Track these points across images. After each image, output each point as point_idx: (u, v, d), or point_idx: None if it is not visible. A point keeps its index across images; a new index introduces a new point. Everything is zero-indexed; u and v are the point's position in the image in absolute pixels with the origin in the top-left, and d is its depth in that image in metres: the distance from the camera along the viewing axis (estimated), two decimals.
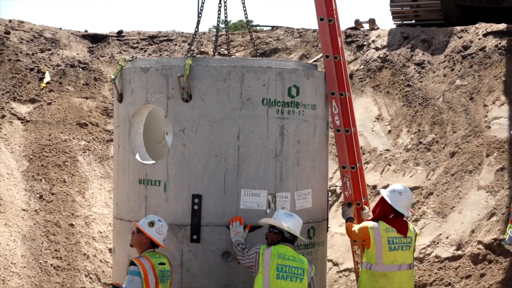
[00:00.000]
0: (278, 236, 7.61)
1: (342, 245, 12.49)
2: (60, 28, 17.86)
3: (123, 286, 7.45)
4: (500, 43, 14.68)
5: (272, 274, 7.35)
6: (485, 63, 14.44)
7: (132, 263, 7.46)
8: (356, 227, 8.60)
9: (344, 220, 9.20)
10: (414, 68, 15.18)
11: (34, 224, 13.05)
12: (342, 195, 13.22)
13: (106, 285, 8.17)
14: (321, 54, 9.36)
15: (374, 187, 13.16)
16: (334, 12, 9.22)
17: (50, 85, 15.66)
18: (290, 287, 7.37)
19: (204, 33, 18.66)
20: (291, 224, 7.68)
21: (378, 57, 15.83)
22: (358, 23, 18.04)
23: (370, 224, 8.40)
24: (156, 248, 7.74)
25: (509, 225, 7.74)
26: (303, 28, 17.78)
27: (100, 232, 13.46)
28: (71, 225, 13.30)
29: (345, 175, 9.23)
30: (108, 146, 14.62)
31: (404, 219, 8.51)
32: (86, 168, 14.39)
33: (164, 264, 7.57)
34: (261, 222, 7.85)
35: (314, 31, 17.10)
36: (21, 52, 16.07)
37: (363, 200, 9.21)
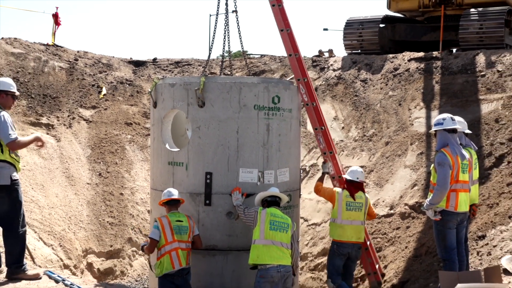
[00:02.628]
0: (265, 203, 7.70)
1: (310, 207, 12.51)
2: (113, 56, 17.78)
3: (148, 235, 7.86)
4: (419, 66, 14.68)
5: (266, 227, 7.44)
6: (409, 80, 14.44)
7: (155, 221, 7.81)
8: (326, 189, 9.06)
9: (314, 183, 9.45)
10: (360, 83, 15.17)
11: (95, 193, 13.04)
12: (309, 172, 13.22)
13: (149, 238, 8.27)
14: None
15: None
16: (298, 48, 9.50)
17: (106, 96, 15.62)
18: (279, 236, 7.46)
19: (213, 60, 18.61)
20: (269, 191, 7.84)
21: (335, 76, 15.81)
22: (320, 52, 18.07)
23: (337, 190, 8.97)
24: (177, 208, 7.86)
25: (429, 193, 7.77)
26: (283, 56, 17.71)
27: (141, 199, 13.46)
28: (121, 194, 13.29)
29: (318, 134, 9.42)
30: (146, 138, 14.59)
31: (362, 193, 8.95)
32: (131, 154, 14.36)
33: (181, 221, 7.69)
34: (257, 200, 7.90)
35: None
36: (85, 73, 16.01)
37: (330, 153, 9.44)
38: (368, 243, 9.44)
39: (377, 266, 9.56)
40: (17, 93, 7.89)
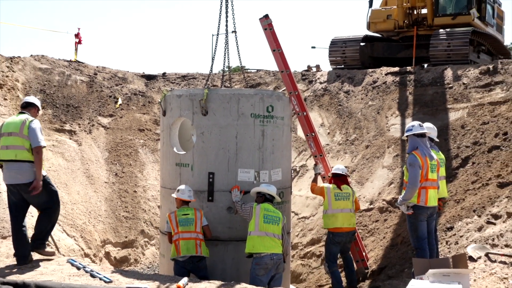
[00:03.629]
0: (262, 198, 7.72)
1: (300, 203, 12.50)
2: (128, 71, 17.76)
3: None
4: (395, 79, 14.71)
5: (260, 220, 7.46)
6: (386, 91, 14.46)
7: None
8: (317, 186, 9.04)
9: (305, 183, 9.38)
10: (343, 95, 15.18)
11: (112, 191, 13.02)
12: (299, 172, 13.22)
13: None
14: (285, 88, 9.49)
15: None
16: (288, 65, 9.56)
17: (121, 106, 15.60)
18: (272, 228, 7.48)
19: (215, 74, 18.59)
20: (270, 190, 7.78)
21: (322, 88, 15.83)
22: (309, 67, 18.06)
23: (325, 185, 9.05)
24: (189, 204, 7.92)
25: (402, 191, 7.80)
26: (276, 70, 17.70)
27: (152, 195, 13.43)
28: (135, 191, 13.26)
29: (309, 139, 9.46)
30: (157, 143, 14.57)
31: (347, 185, 8.92)
32: (144, 157, 14.34)
33: (187, 214, 7.84)
34: (253, 191, 7.91)
35: None
36: (104, 86, 15.99)
37: (320, 155, 9.47)
38: (356, 233, 9.45)
39: (364, 254, 9.55)
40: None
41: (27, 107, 7.71)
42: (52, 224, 7.81)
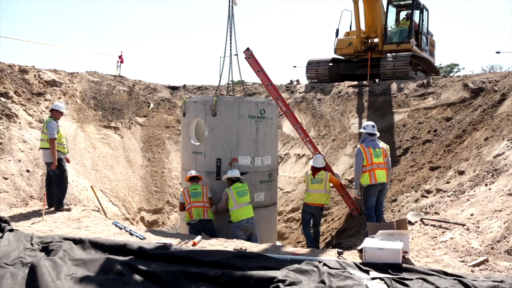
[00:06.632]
0: (231, 181, 7.77)
1: (284, 181, 12.47)
2: (157, 83, 17.63)
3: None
4: (355, 90, 14.65)
5: (236, 197, 7.59)
6: (348, 99, 14.41)
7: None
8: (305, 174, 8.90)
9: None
10: (317, 101, 15.12)
11: (146, 171, 12.95)
12: (283, 158, 13.10)
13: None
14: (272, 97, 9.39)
15: (299, 155, 13.15)
16: (270, 80, 9.35)
17: (153, 109, 15.50)
18: (244, 199, 7.58)
19: (222, 85, 18.48)
20: (232, 173, 7.78)
21: (300, 96, 15.75)
22: (291, 82, 17.96)
23: (305, 173, 8.79)
24: (198, 182, 7.86)
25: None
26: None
27: (175, 175, 13.38)
28: (162, 172, 13.20)
29: (297, 129, 9.36)
30: (178, 136, 14.50)
31: (322, 171, 8.67)
32: (169, 147, 14.27)
33: (196, 189, 7.80)
34: (223, 178, 7.88)
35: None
36: (140, 94, 15.88)
37: (308, 139, 9.28)
38: (345, 194, 9.23)
39: (356, 204, 9.38)
40: (65, 112, 8.88)
41: (52, 111, 8.51)
42: (64, 192, 8.39)
